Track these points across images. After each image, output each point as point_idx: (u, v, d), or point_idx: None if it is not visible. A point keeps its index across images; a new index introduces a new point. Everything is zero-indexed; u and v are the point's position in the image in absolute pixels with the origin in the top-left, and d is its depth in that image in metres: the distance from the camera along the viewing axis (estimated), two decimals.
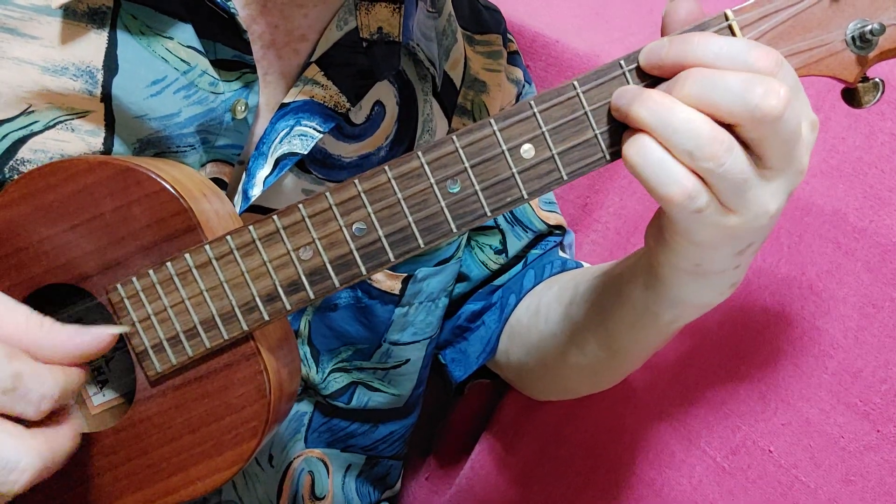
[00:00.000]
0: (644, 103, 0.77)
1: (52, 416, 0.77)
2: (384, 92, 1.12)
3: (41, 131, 0.91)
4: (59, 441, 0.77)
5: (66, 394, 0.77)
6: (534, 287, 1.28)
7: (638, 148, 0.77)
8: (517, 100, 1.32)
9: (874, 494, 1.04)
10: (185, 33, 0.95)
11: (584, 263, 1.32)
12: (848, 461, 1.06)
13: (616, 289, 1.05)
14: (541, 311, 1.22)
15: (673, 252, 0.88)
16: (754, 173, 0.78)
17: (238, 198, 1.01)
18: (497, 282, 1.31)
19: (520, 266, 1.31)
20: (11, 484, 0.73)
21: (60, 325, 0.78)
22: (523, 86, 1.33)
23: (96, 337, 0.79)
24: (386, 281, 1.16)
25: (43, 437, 0.75)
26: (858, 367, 1.07)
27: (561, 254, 1.33)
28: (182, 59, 0.95)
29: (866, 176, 1.10)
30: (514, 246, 1.30)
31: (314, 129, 1.02)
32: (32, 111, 0.91)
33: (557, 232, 1.35)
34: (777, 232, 1.15)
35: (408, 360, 1.25)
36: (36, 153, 0.91)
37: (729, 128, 0.76)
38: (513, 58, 1.34)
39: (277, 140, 1.01)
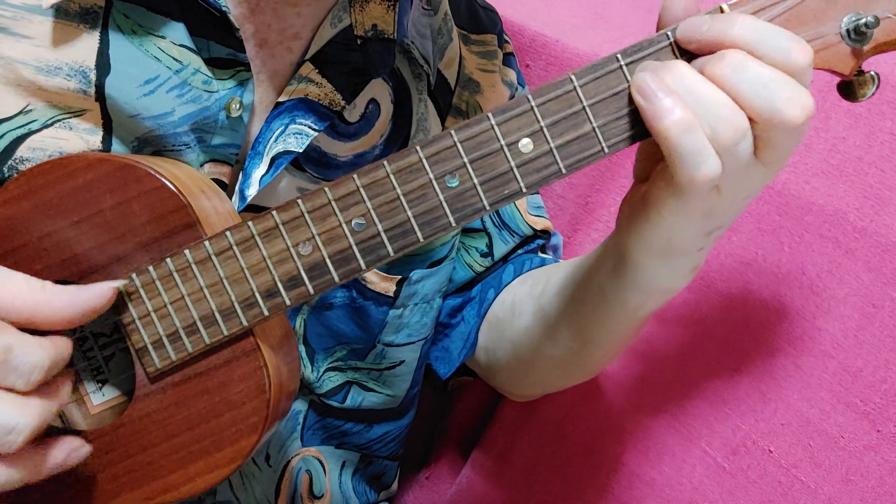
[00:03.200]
0: (671, 71, 0.77)
1: (45, 385, 0.79)
2: (379, 90, 1.12)
3: (39, 130, 0.92)
4: (50, 402, 0.78)
5: (56, 364, 0.78)
6: (511, 282, 1.29)
7: (685, 126, 0.77)
8: None
9: (874, 494, 1.04)
10: (177, 32, 0.95)
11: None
12: (848, 461, 1.06)
13: (585, 278, 1.06)
14: (515, 305, 1.24)
15: (647, 228, 0.89)
16: (753, 163, 0.80)
17: (235, 198, 1.01)
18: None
19: (500, 263, 1.32)
20: (9, 444, 0.75)
21: (61, 286, 0.79)
22: (516, 88, 1.34)
23: (98, 293, 0.80)
24: (380, 283, 1.16)
25: (35, 399, 0.77)
26: (858, 367, 1.07)
27: (542, 255, 1.34)
28: (174, 58, 0.95)
29: (867, 175, 1.10)
30: (500, 249, 1.31)
31: (309, 127, 1.02)
32: (31, 110, 0.91)
33: (543, 236, 1.35)
34: (778, 231, 1.15)
35: (402, 362, 1.25)
36: (35, 151, 0.91)
37: None
38: (508, 59, 1.34)
39: (273, 139, 1.01)
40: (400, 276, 1.18)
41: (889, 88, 1.11)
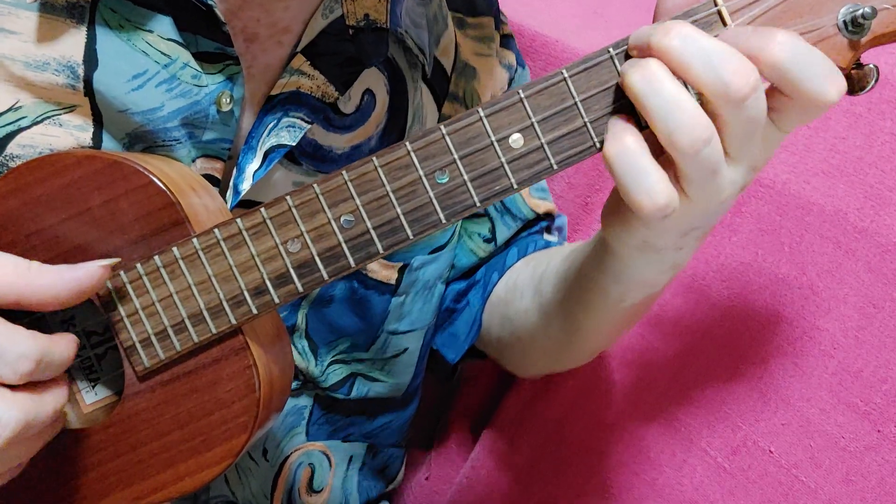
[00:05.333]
0: (641, 69, 0.76)
1: (38, 385, 0.78)
2: (374, 80, 1.12)
3: (29, 126, 0.91)
4: (42, 400, 0.78)
5: (51, 362, 0.78)
6: (515, 263, 1.30)
7: (621, 149, 0.77)
8: (509, 85, 1.32)
9: (874, 494, 1.03)
10: (164, 26, 0.94)
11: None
12: (848, 461, 1.06)
13: (575, 267, 1.07)
14: (517, 286, 1.24)
15: (623, 228, 0.88)
16: (724, 165, 0.78)
17: (229, 192, 1.00)
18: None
19: (504, 248, 1.33)
20: None
21: (49, 266, 0.79)
22: (515, 70, 1.33)
23: (88, 271, 0.79)
24: (382, 271, 1.16)
25: (25, 394, 0.76)
26: (859, 367, 1.06)
27: (547, 236, 1.34)
28: (162, 52, 0.94)
29: (867, 175, 1.10)
30: (503, 234, 1.31)
31: (302, 119, 1.02)
32: (20, 106, 0.91)
33: (546, 219, 1.36)
34: (777, 231, 1.15)
35: (406, 350, 1.25)
36: (24, 148, 0.91)
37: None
38: (506, 41, 1.33)
39: (265, 133, 1.00)
40: (401, 263, 1.18)
41: (889, 87, 1.10)
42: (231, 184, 1.01)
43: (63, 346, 0.79)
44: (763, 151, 0.81)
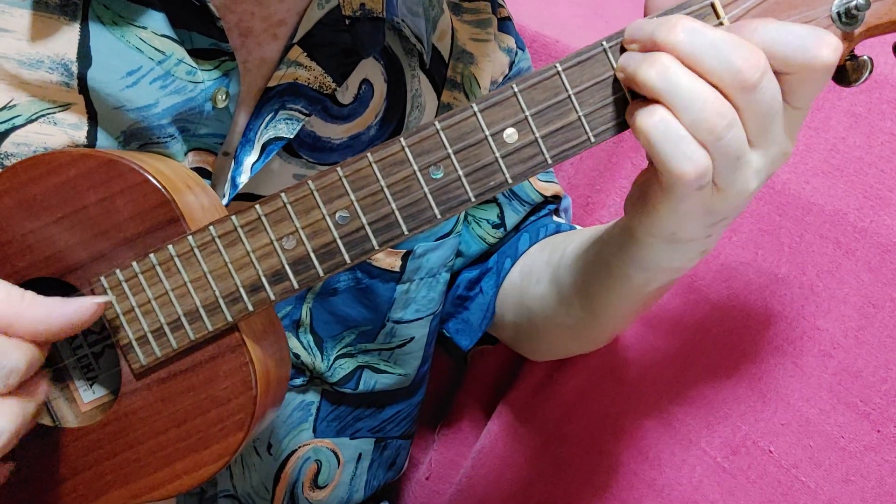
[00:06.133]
0: (653, 64, 0.76)
1: (22, 386, 0.78)
2: (371, 70, 1.12)
3: (23, 125, 0.91)
4: (28, 401, 0.78)
5: (32, 367, 0.77)
6: (528, 249, 1.29)
7: (657, 120, 0.77)
8: (510, 68, 1.31)
9: (874, 494, 1.03)
10: (158, 22, 0.94)
11: (577, 226, 1.34)
12: (848, 461, 1.05)
13: (595, 252, 1.06)
14: (533, 272, 1.24)
15: (651, 221, 0.88)
16: (748, 152, 0.79)
17: (227, 186, 1.01)
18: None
19: (513, 233, 1.33)
20: None
21: (42, 298, 0.78)
22: (516, 53, 1.32)
23: (79, 308, 0.79)
24: (386, 259, 1.16)
25: (14, 400, 0.76)
26: (859, 367, 1.06)
27: (556, 219, 1.34)
28: (156, 49, 0.94)
29: (867, 175, 1.10)
30: (512, 219, 1.31)
31: (299, 111, 1.02)
32: (14, 105, 0.90)
33: (554, 202, 1.35)
34: (778, 231, 1.15)
35: (412, 339, 1.25)
36: (19, 147, 0.91)
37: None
38: (504, 24, 1.32)
39: (263, 125, 1.01)
40: (405, 251, 1.18)
41: (889, 88, 1.10)
42: (229, 177, 1.01)
43: (40, 349, 0.79)
44: (787, 133, 0.81)
